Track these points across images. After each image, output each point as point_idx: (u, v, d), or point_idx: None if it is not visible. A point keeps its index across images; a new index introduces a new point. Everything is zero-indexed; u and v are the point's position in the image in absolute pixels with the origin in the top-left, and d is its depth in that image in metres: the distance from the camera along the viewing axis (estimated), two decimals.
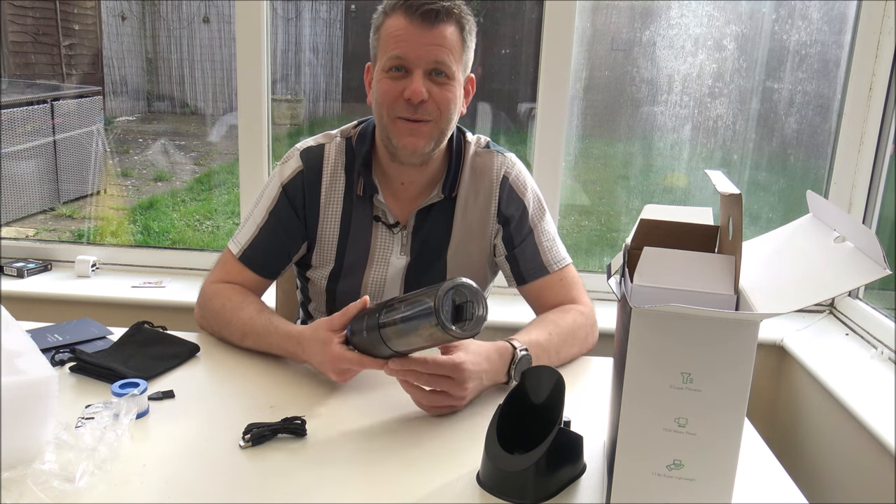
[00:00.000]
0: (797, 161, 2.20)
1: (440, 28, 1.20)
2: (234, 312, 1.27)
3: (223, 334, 1.30)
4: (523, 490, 0.89)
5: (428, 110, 1.22)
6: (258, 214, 1.34)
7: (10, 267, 2.12)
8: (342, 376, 1.12)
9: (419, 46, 1.20)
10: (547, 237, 1.37)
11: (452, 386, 1.05)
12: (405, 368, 1.04)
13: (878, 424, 1.42)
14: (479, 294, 0.98)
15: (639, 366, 0.76)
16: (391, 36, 1.22)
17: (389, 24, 1.22)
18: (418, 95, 1.20)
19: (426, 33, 1.20)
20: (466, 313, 0.97)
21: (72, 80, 3.12)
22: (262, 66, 2.01)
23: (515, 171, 1.38)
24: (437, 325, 0.94)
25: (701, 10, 2.11)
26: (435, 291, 0.95)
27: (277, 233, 1.33)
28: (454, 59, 1.22)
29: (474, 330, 0.98)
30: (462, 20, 1.24)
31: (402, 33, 1.20)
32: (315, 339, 1.12)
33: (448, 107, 1.24)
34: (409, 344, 1.02)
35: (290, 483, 0.91)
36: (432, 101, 1.22)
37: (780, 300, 0.74)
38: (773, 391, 1.91)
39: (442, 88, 1.23)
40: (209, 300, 1.31)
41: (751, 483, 0.95)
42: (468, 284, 0.97)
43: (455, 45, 1.22)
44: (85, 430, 0.91)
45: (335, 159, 1.34)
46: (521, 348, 1.15)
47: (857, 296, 1.93)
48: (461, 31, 1.24)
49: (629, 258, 0.88)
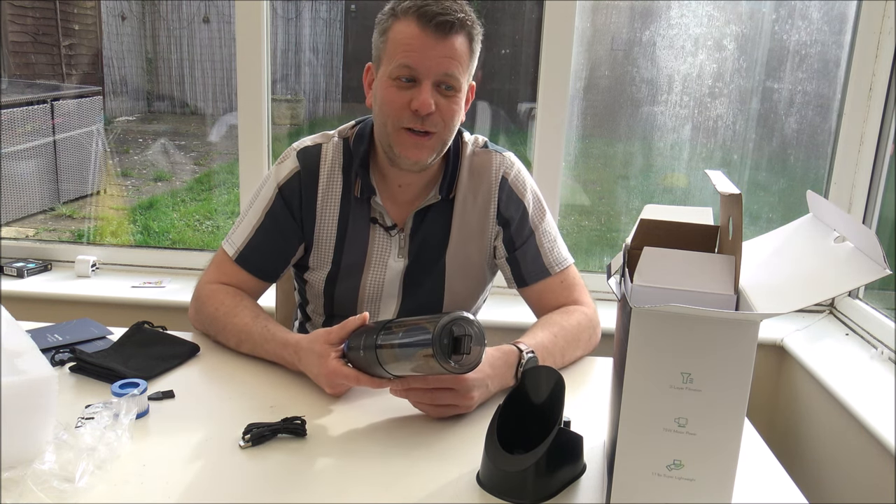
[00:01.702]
0: (797, 161, 2.20)
1: (452, 40, 1.18)
2: (229, 318, 1.26)
3: (218, 339, 1.29)
4: (523, 490, 0.89)
5: (434, 122, 1.21)
6: (253, 215, 1.33)
7: (10, 267, 2.12)
8: (336, 390, 1.12)
9: (430, 58, 1.17)
10: (548, 238, 1.36)
11: (457, 398, 1.05)
12: (407, 388, 1.04)
13: (878, 424, 1.42)
14: (479, 329, 0.96)
15: (639, 366, 0.76)
16: (401, 42, 1.18)
17: (400, 29, 1.19)
18: (427, 108, 1.18)
19: (438, 45, 1.17)
20: (464, 347, 0.95)
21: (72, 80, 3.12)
22: (262, 66, 2.00)
23: (514, 171, 1.36)
24: (433, 356, 0.92)
25: (701, 10, 2.11)
26: (436, 321, 0.93)
27: (273, 234, 1.32)
28: (462, 70, 1.21)
29: (469, 367, 0.96)
30: (472, 30, 1.22)
31: (413, 42, 1.17)
32: (312, 350, 1.12)
33: (453, 119, 1.23)
34: (403, 369, 1.01)
35: (290, 483, 0.91)
36: (438, 113, 1.20)
37: (780, 300, 0.74)
38: (773, 391, 1.91)
39: (449, 101, 1.21)
40: (203, 304, 1.31)
41: (751, 483, 0.95)
42: (470, 319, 0.96)
43: (464, 56, 1.21)
44: (85, 430, 0.91)
45: (332, 160, 1.32)
46: (528, 351, 1.15)
47: (857, 296, 1.93)
48: (470, 41, 1.22)
49: (629, 258, 0.88)
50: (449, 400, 1.05)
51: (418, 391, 1.05)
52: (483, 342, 0.97)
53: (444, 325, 0.93)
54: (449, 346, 0.94)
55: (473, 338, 0.95)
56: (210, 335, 1.31)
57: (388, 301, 1.36)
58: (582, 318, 1.30)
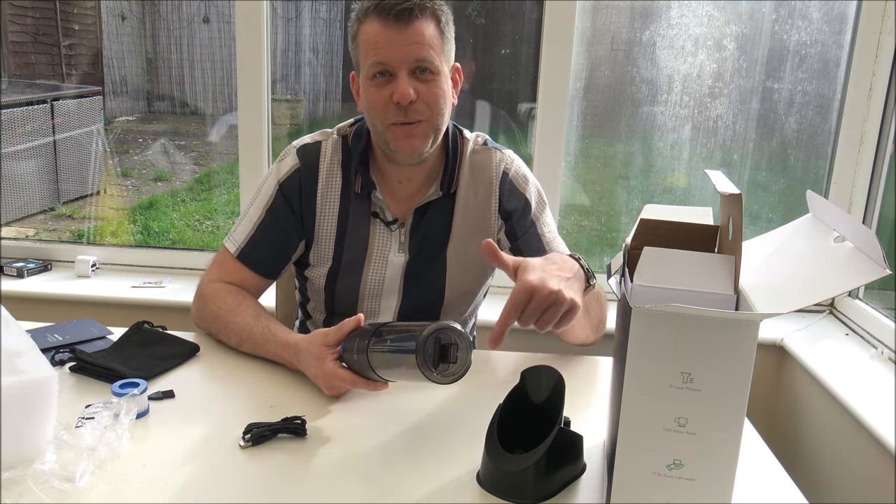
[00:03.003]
0: (797, 161, 2.20)
1: (416, 25, 1.19)
2: (230, 317, 1.27)
3: (220, 338, 1.29)
4: (523, 490, 0.89)
5: (418, 110, 1.22)
6: (255, 212, 1.34)
7: (10, 267, 2.12)
8: (333, 391, 1.12)
9: (398, 48, 1.19)
10: (549, 229, 1.38)
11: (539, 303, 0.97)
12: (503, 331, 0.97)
13: (878, 424, 1.42)
14: (467, 340, 0.95)
15: (639, 366, 0.76)
16: (369, 42, 1.21)
17: (365, 30, 1.21)
18: (406, 97, 1.19)
19: (403, 34, 1.19)
20: (451, 356, 0.94)
21: (72, 80, 3.12)
22: (262, 66, 2.00)
23: (515, 167, 1.38)
24: (417, 365, 0.91)
25: (701, 10, 2.11)
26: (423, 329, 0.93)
27: (275, 231, 1.33)
28: (435, 53, 1.21)
29: (454, 376, 0.95)
30: (437, 13, 1.22)
31: (379, 38, 1.19)
32: (310, 352, 1.12)
33: (437, 102, 1.23)
34: (392, 375, 1.01)
35: (290, 483, 0.91)
36: (421, 99, 1.21)
37: (780, 300, 0.74)
38: (773, 391, 1.91)
39: (429, 85, 1.22)
40: (206, 302, 1.31)
41: (751, 483, 0.95)
42: (456, 329, 0.95)
43: (434, 39, 1.21)
44: (85, 430, 0.91)
45: (332, 157, 1.34)
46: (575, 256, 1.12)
47: (857, 296, 1.93)
48: (438, 23, 1.23)
49: (629, 258, 0.88)
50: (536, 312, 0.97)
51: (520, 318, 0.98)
52: (470, 351, 0.96)
53: (429, 334, 0.92)
54: (435, 354, 0.93)
55: (460, 347, 0.94)
56: (212, 334, 1.31)
57: (388, 297, 1.37)
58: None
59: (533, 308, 0.98)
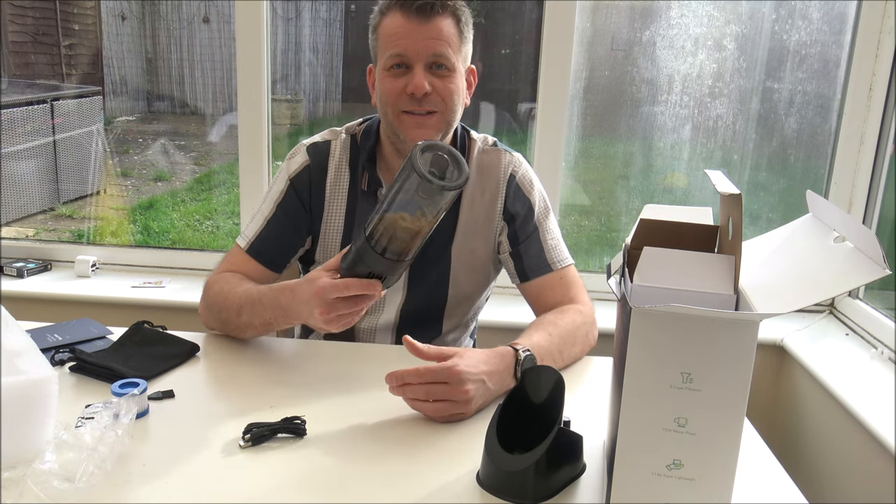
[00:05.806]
0: (797, 161, 2.20)
1: (436, 21, 1.22)
2: (232, 290, 1.26)
3: (222, 317, 1.27)
4: (523, 490, 0.89)
5: (432, 101, 1.24)
6: (266, 207, 1.36)
7: (10, 267, 2.12)
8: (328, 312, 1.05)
9: (417, 41, 1.21)
10: (551, 236, 1.38)
11: (451, 391, 1.03)
12: (400, 384, 1.03)
13: (878, 424, 1.42)
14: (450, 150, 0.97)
15: (639, 366, 0.76)
16: (389, 34, 1.23)
17: (386, 22, 1.24)
18: (421, 89, 1.21)
19: (423, 28, 1.21)
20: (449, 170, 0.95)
21: (72, 80, 3.12)
22: (262, 66, 2.01)
23: (523, 170, 1.39)
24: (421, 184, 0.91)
25: (701, 10, 2.11)
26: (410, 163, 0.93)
27: (285, 224, 1.35)
28: (453, 51, 1.24)
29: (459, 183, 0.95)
30: (458, 12, 1.25)
31: (399, 30, 1.22)
32: (306, 279, 1.10)
33: (451, 97, 1.25)
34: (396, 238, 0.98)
35: (290, 483, 0.91)
36: (436, 92, 1.23)
37: (780, 300, 0.74)
38: (773, 391, 1.91)
39: (444, 80, 1.24)
40: (209, 288, 1.32)
41: (751, 483, 0.95)
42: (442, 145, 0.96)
43: (452, 37, 1.24)
44: (85, 430, 0.91)
45: (340, 155, 1.36)
46: (524, 350, 1.14)
47: (857, 296, 1.93)
48: (458, 22, 1.25)
49: (629, 258, 0.88)
50: (442, 394, 1.03)
51: (413, 387, 1.03)
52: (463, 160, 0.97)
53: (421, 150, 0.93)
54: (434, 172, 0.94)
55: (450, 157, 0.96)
56: (216, 319, 1.30)
57: (392, 293, 1.37)
58: (577, 316, 1.30)
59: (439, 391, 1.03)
